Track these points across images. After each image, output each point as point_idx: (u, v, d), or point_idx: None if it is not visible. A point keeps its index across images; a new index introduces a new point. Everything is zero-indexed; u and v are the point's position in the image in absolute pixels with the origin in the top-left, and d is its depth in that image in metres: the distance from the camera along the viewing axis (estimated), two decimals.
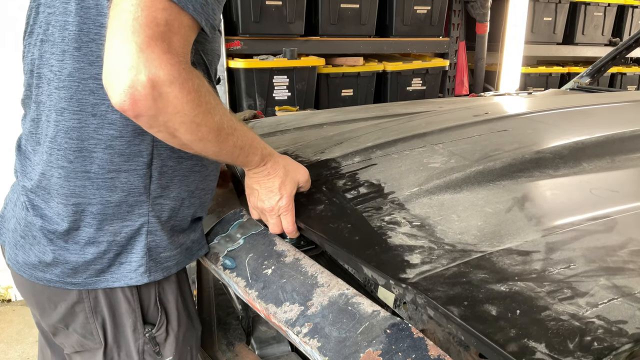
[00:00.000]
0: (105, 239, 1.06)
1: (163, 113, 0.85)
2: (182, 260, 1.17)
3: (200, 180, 1.17)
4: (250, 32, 3.48)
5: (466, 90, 4.52)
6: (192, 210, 1.18)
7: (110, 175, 1.03)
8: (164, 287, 1.15)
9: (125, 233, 1.07)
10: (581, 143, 1.41)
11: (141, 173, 1.05)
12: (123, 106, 0.82)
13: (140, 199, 1.06)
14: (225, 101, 3.42)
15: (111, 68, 0.81)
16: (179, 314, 1.18)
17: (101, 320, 1.11)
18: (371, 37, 3.93)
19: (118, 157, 1.02)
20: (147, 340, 1.15)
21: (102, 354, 1.14)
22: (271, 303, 1.03)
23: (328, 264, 1.27)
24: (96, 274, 1.07)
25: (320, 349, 0.88)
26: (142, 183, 1.05)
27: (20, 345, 2.82)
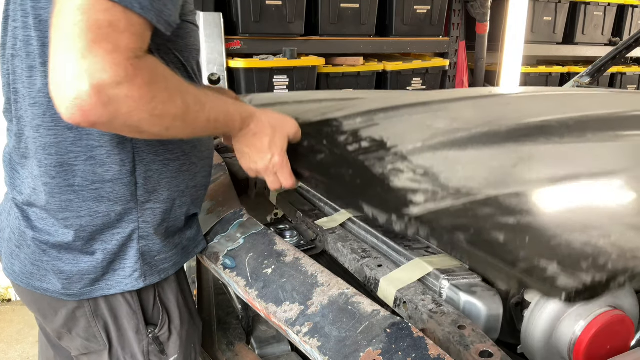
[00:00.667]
0: (97, 247, 1.05)
1: (118, 116, 0.80)
2: (179, 260, 1.17)
3: (190, 179, 1.16)
4: (250, 31, 3.48)
5: None
6: (185, 209, 1.17)
7: (94, 187, 1.02)
8: (163, 287, 1.15)
9: (116, 241, 1.06)
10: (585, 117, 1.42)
11: (125, 181, 1.04)
12: (74, 119, 0.78)
13: (128, 206, 1.05)
14: None
15: (54, 81, 0.76)
16: (181, 312, 1.18)
17: (103, 324, 1.11)
18: (371, 36, 3.93)
19: (100, 167, 1.01)
20: (151, 340, 1.14)
21: (107, 355, 1.14)
22: (271, 302, 1.03)
23: (328, 263, 1.28)
24: (91, 283, 1.06)
25: (320, 348, 0.88)
26: (128, 191, 1.05)
27: (20, 345, 2.82)
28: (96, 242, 1.05)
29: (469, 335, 0.86)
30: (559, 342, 0.96)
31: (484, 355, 0.81)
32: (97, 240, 1.05)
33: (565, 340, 0.94)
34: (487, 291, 0.98)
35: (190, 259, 1.22)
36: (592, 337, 0.91)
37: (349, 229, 1.34)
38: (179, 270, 1.19)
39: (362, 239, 1.27)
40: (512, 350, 1.06)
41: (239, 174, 1.84)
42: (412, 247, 1.16)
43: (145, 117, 0.84)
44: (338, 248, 1.25)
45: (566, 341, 0.94)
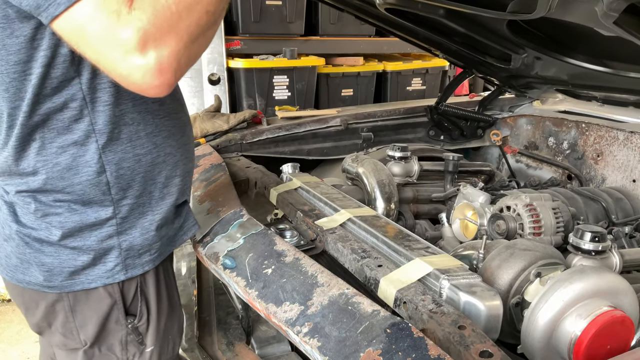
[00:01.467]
0: (78, 244, 1.06)
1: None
2: (164, 250, 1.17)
3: (170, 170, 1.15)
4: (250, 32, 3.48)
5: (466, 90, 4.52)
6: (171, 199, 1.16)
7: (67, 190, 1.04)
8: (145, 278, 1.14)
9: (95, 237, 1.07)
10: None
11: (94, 182, 1.04)
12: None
13: (102, 205, 1.06)
14: (225, 101, 3.42)
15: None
16: (160, 304, 1.18)
17: (81, 319, 1.12)
18: (371, 37, 3.93)
19: (67, 172, 1.03)
20: (130, 330, 1.15)
21: (82, 352, 1.15)
22: (271, 303, 1.03)
23: (328, 264, 1.27)
24: (71, 276, 1.07)
25: (320, 348, 0.88)
26: (99, 191, 1.05)
27: (20, 345, 2.82)
28: (76, 238, 1.06)
29: (469, 336, 0.85)
30: (559, 342, 0.96)
31: (484, 355, 0.81)
32: (77, 237, 1.06)
33: (565, 340, 0.94)
34: (487, 291, 0.98)
35: (177, 246, 1.21)
36: (592, 337, 0.91)
37: (349, 229, 1.33)
38: (164, 260, 1.19)
39: (362, 239, 1.27)
40: (512, 350, 1.06)
41: (239, 174, 1.84)
42: (412, 247, 1.16)
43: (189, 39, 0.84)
44: (338, 248, 1.24)
45: (566, 341, 0.94)
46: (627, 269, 1.32)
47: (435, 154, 2.21)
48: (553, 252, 1.17)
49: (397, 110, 2.54)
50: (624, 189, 1.95)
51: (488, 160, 2.65)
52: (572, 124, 2.24)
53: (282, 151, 2.27)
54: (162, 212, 1.14)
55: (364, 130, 2.42)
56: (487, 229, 1.48)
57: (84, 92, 0.99)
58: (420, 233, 1.77)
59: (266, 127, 2.25)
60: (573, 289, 0.96)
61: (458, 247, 1.32)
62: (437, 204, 1.89)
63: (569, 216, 1.54)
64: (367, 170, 1.74)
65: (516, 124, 2.54)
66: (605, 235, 1.23)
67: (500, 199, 1.59)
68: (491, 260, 1.14)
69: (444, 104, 2.48)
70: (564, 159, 2.27)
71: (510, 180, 1.93)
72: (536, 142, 2.43)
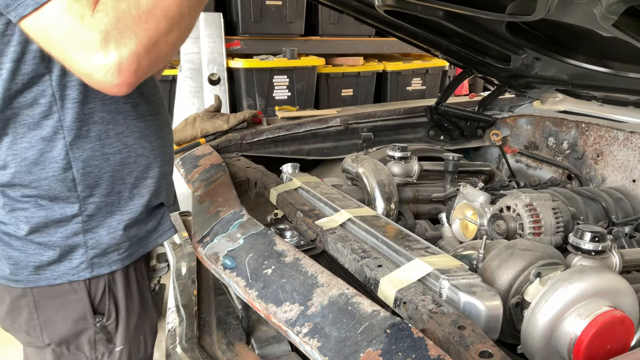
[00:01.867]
0: (44, 239, 1.07)
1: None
2: (134, 251, 1.17)
3: (141, 171, 1.16)
4: (250, 32, 3.48)
5: (466, 90, 4.52)
6: (142, 200, 1.16)
7: (33, 185, 1.05)
8: (114, 277, 1.14)
9: (61, 234, 1.08)
10: None
11: (60, 178, 1.05)
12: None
13: (68, 201, 1.07)
14: (225, 101, 3.42)
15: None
16: (130, 304, 1.18)
17: (45, 316, 1.12)
18: (371, 37, 3.93)
19: (34, 166, 1.04)
20: (99, 329, 1.15)
21: (50, 350, 1.15)
22: (271, 303, 1.03)
23: (328, 264, 1.28)
24: (36, 271, 1.08)
25: (320, 348, 0.88)
26: (64, 187, 1.06)
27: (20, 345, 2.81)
28: (42, 234, 1.07)
29: (468, 336, 0.85)
30: (559, 342, 0.96)
31: (484, 355, 0.81)
32: (43, 233, 1.07)
33: (565, 340, 0.94)
34: (487, 291, 0.98)
35: (148, 250, 1.22)
36: (592, 337, 0.91)
37: (349, 229, 1.34)
38: (136, 260, 1.19)
39: (362, 239, 1.27)
40: (512, 351, 1.06)
41: (239, 174, 1.84)
42: (412, 247, 1.16)
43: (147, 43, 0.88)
44: (338, 248, 1.24)
45: (566, 341, 0.94)
46: (627, 269, 1.32)
47: (435, 154, 2.21)
48: (553, 252, 1.17)
49: (397, 110, 2.54)
50: (624, 189, 1.95)
51: (488, 160, 2.65)
52: (572, 124, 2.24)
53: (282, 151, 2.27)
54: (131, 212, 1.14)
55: (364, 130, 2.42)
56: (487, 229, 1.48)
57: (54, 89, 1.01)
58: (420, 233, 1.77)
59: (266, 127, 2.25)
60: (573, 289, 0.96)
61: (458, 247, 1.32)
62: (437, 204, 1.89)
63: (569, 216, 1.54)
64: (367, 170, 1.74)
65: (516, 124, 2.54)
66: (605, 235, 1.23)
67: (500, 199, 1.59)
68: (491, 260, 1.14)
69: (444, 104, 2.49)
70: (564, 159, 2.27)
71: (510, 180, 1.93)
72: (536, 142, 2.43)
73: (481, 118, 2.55)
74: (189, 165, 1.92)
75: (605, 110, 2.19)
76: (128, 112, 1.12)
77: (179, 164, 1.98)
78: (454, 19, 1.69)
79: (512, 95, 2.61)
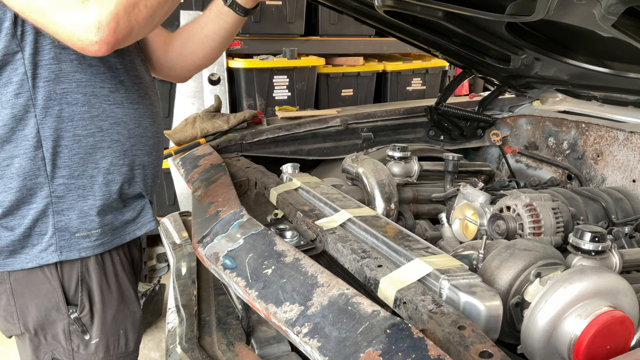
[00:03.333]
0: (15, 222, 1.10)
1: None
2: (108, 240, 1.18)
3: (116, 157, 1.17)
4: (250, 31, 3.48)
5: (466, 90, 4.52)
6: (115, 187, 1.18)
7: (5, 163, 1.07)
8: (87, 268, 1.16)
9: (31, 216, 1.10)
10: None
11: (30, 155, 1.07)
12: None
13: (37, 181, 1.09)
14: (225, 101, 3.42)
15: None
16: (106, 296, 1.19)
17: (22, 303, 1.14)
18: (371, 37, 3.93)
19: (7, 144, 1.06)
20: (73, 321, 1.16)
21: (28, 339, 1.18)
22: (271, 303, 1.03)
23: (328, 264, 1.28)
24: (11, 255, 1.10)
25: (320, 349, 0.88)
26: (34, 165, 1.08)
27: None
28: (14, 217, 1.10)
29: (468, 336, 0.85)
30: (558, 342, 0.96)
31: (484, 355, 0.81)
32: (14, 215, 1.10)
33: (565, 341, 0.94)
34: (487, 291, 0.98)
35: (125, 241, 1.22)
36: (592, 337, 0.91)
37: (349, 229, 1.34)
38: (112, 251, 1.19)
39: (362, 239, 1.27)
40: (512, 351, 1.06)
41: (239, 174, 1.84)
42: (412, 248, 1.16)
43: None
44: (338, 248, 1.25)
45: (566, 341, 0.94)
46: (627, 269, 1.32)
47: (435, 154, 2.21)
48: (553, 252, 1.17)
49: (397, 110, 2.54)
50: (624, 189, 1.95)
51: (488, 160, 2.65)
52: (572, 124, 2.24)
53: (282, 151, 2.27)
54: (104, 198, 1.16)
55: (364, 131, 2.43)
56: (487, 229, 1.48)
57: (26, 67, 1.04)
58: (420, 233, 1.77)
59: (266, 127, 2.25)
60: (573, 289, 0.96)
61: (458, 247, 1.32)
62: (437, 204, 1.89)
63: (568, 216, 1.54)
64: (367, 170, 1.74)
65: (516, 124, 2.54)
66: (605, 235, 1.23)
67: (500, 199, 1.59)
68: (491, 261, 1.15)
69: (443, 104, 2.49)
70: (564, 159, 2.27)
71: (510, 180, 1.93)
72: (536, 142, 2.43)
73: (481, 118, 2.55)
74: (189, 165, 1.92)
75: (605, 110, 2.19)
76: (105, 97, 1.14)
77: (179, 164, 1.98)
78: (453, 20, 1.69)
79: (512, 95, 2.61)
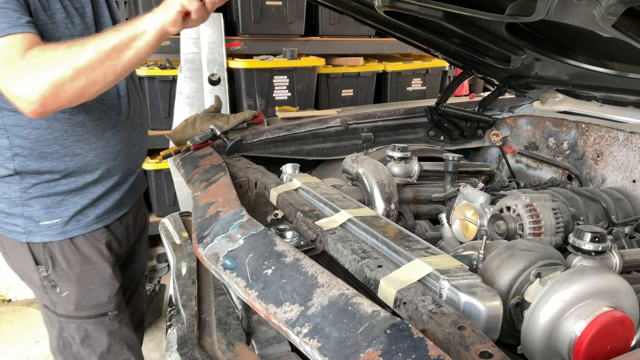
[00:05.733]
0: (3, 205, 1.42)
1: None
2: (69, 230, 1.45)
3: (79, 167, 1.42)
4: (250, 32, 3.48)
5: (466, 91, 4.52)
6: (80, 188, 1.44)
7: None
8: (51, 242, 1.45)
9: (6, 203, 1.41)
10: None
11: (6, 165, 1.37)
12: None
13: (12, 181, 1.38)
14: (225, 101, 3.43)
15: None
16: (69, 259, 1.47)
17: (14, 260, 1.49)
18: (371, 37, 3.93)
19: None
20: (43, 277, 1.47)
21: (33, 287, 1.53)
22: (271, 303, 1.03)
23: (328, 264, 1.28)
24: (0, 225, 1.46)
25: (320, 349, 0.88)
26: (9, 171, 1.37)
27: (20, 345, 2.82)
28: (3, 201, 1.42)
29: (468, 336, 0.85)
30: (559, 343, 0.96)
31: (484, 356, 0.81)
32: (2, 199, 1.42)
33: (565, 341, 0.94)
34: (487, 291, 0.98)
35: (84, 232, 1.48)
36: (592, 337, 0.91)
37: (349, 229, 1.34)
38: (81, 236, 1.47)
39: (362, 240, 1.27)
40: (512, 351, 1.06)
41: (239, 175, 1.84)
42: (412, 248, 1.16)
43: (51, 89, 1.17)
44: (338, 249, 1.25)
45: (566, 342, 0.94)
46: (627, 269, 1.32)
47: (435, 154, 2.21)
48: (553, 253, 1.17)
49: (397, 110, 2.54)
50: (624, 189, 1.95)
51: (488, 161, 2.65)
52: (572, 124, 2.24)
53: (282, 151, 2.27)
54: (68, 196, 1.43)
55: (364, 131, 2.43)
56: (487, 230, 1.48)
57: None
58: (420, 233, 1.77)
59: (266, 128, 2.25)
60: (573, 289, 0.96)
61: (458, 248, 1.32)
62: (437, 205, 1.89)
63: (569, 216, 1.54)
64: (367, 170, 1.74)
65: (516, 124, 2.54)
66: (605, 235, 1.23)
67: (500, 199, 1.59)
68: (491, 261, 1.15)
69: (443, 104, 2.49)
70: (564, 159, 2.27)
71: (510, 181, 1.93)
72: (536, 142, 2.43)
73: (481, 118, 2.55)
74: (189, 166, 1.92)
75: (605, 111, 2.19)
76: (66, 120, 1.37)
77: (179, 164, 1.99)
78: (453, 20, 1.69)
79: (512, 95, 2.61)
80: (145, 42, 1.22)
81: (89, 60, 1.17)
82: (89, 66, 1.17)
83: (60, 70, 1.15)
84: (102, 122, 1.45)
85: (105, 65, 1.19)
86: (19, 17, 1.20)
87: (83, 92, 1.20)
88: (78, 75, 1.16)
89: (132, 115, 1.55)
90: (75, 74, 1.16)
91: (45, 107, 1.17)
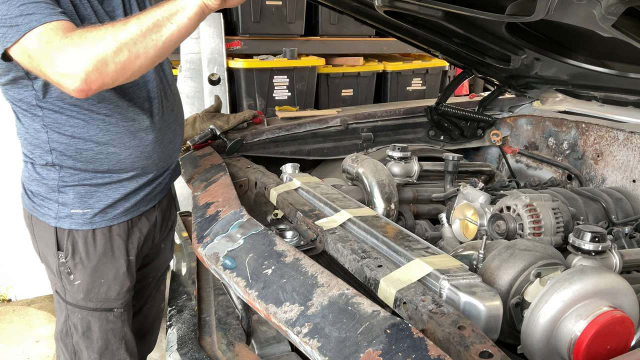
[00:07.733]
0: (36, 189, 1.50)
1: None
2: (96, 220, 1.49)
3: (113, 164, 1.46)
4: (250, 32, 3.48)
5: (466, 91, 4.52)
6: (113, 184, 1.48)
7: (36, 153, 1.46)
8: (77, 229, 1.49)
9: (44, 188, 1.48)
10: None
11: (46, 157, 1.45)
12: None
13: (50, 170, 1.45)
14: (225, 101, 3.43)
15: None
16: (89, 249, 1.51)
17: (39, 242, 1.55)
18: (371, 37, 3.93)
19: (35, 148, 1.45)
20: (61, 263, 1.51)
21: (45, 268, 1.60)
22: (271, 303, 1.03)
23: (328, 263, 1.28)
24: (34, 208, 1.51)
25: (320, 349, 0.88)
26: (49, 161, 1.45)
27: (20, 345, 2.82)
28: (36, 187, 1.52)
29: (468, 336, 0.86)
30: (559, 343, 0.96)
31: (484, 355, 0.81)
32: (37, 187, 1.51)
33: (565, 341, 0.94)
34: (487, 291, 0.98)
35: (111, 224, 1.52)
36: (592, 337, 0.91)
37: (349, 229, 1.34)
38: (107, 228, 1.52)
39: (362, 240, 1.27)
40: (512, 351, 1.06)
41: (239, 174, 1.84)
42: (412, 248, 1.16)
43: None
44: (338, 248, 1.25)
45: (566, 341, 0.94)
46: (627, 269, 1.32)
47: (435, 154, 2.21)
48: (553, 253, 1.17)
49: (397, 110, 2.54)
50: (624, 189, 1.95)
51: (488, 161, 2.65)
52: (572, 124, 2.24)
53: (282, 151, 2.27)
54: (100, 190, 1.49)
55: (364, 131, 2.43)
56: (487, 229, 1.48)
57: (37, 100, 1.38)
58: (420, 233, 1.77)
59: (266, 128, 2.25)
60: (573, 289, 0.96)
61: (458, 248, 1.32)
62: (437, 204, 1.89)
63: (569, 216, 1.54)
64: (367, 170, 1.74)
65: (516, 124, 2.54)
66: (605, 235, 1.23)
67: (500, 199, 1.59)
68: (491, 261, 1.15)
69: (443, 104, 2.49)
70: (564, 159, 2.27)
71: (510, 181, 1.94)
72: (536, 142, 2.43)
73: (481, 118, 2.55)
74: (189, 166, 1.92)
75: (605, 111, 2.19)
76: (101, 120, 1.43)
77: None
78: (453, 20, 1.69)
79: (512, 95, 2.61)
80: (186, 16, 1.22)
81: (131, 35, 1.18)
82: (130, 40, 1.18)
83: (103, 44, 1.16)
84: (136, 124, 1.49)
85: (147, 38, 1.20)
86: (53, 7, 1.22)
87: (125, 68, 1.20)
88: (120, 48, 1.17)
89: (165, 115, 1.59)
90: (118, 47, 1.17)
91: (89, 85, 1.17)
